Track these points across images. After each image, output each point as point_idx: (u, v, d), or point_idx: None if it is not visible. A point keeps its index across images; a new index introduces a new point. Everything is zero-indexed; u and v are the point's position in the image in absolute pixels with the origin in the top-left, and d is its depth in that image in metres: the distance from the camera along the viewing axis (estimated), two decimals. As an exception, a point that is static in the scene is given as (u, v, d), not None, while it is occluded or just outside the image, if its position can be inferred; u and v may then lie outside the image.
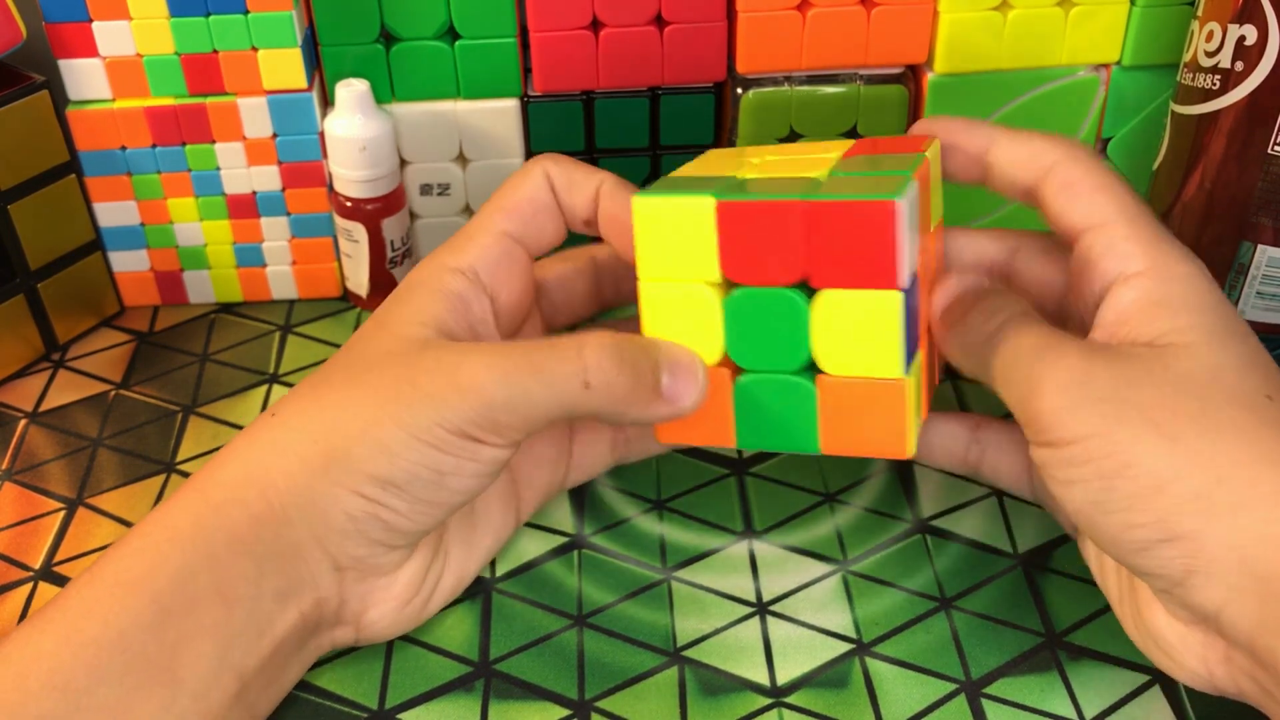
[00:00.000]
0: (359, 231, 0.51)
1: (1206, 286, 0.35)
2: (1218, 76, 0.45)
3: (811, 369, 0.36)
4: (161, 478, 0.46)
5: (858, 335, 0.35)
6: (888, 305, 0.35)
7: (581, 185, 0.40)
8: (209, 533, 0.34)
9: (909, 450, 0.36)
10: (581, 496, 0.44)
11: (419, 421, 0.34)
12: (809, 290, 0.35)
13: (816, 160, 0.38)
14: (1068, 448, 0.32)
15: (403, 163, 0.53)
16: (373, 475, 0.34)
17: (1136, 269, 0.35)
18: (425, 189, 0.53)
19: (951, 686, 0.37)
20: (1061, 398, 0.32)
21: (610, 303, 0.44)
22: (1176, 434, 0.31)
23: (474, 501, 0.40)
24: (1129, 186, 0.37)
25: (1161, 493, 0.31)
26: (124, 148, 0.51)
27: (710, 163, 0.40)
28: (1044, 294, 0.40)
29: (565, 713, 0.37)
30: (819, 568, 0.42)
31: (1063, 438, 0.32)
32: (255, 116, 0.50)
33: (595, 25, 0.50)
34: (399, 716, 0.37)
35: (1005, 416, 0.41)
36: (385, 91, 0.51)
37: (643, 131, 0.53)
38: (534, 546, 0.42)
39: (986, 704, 0.37)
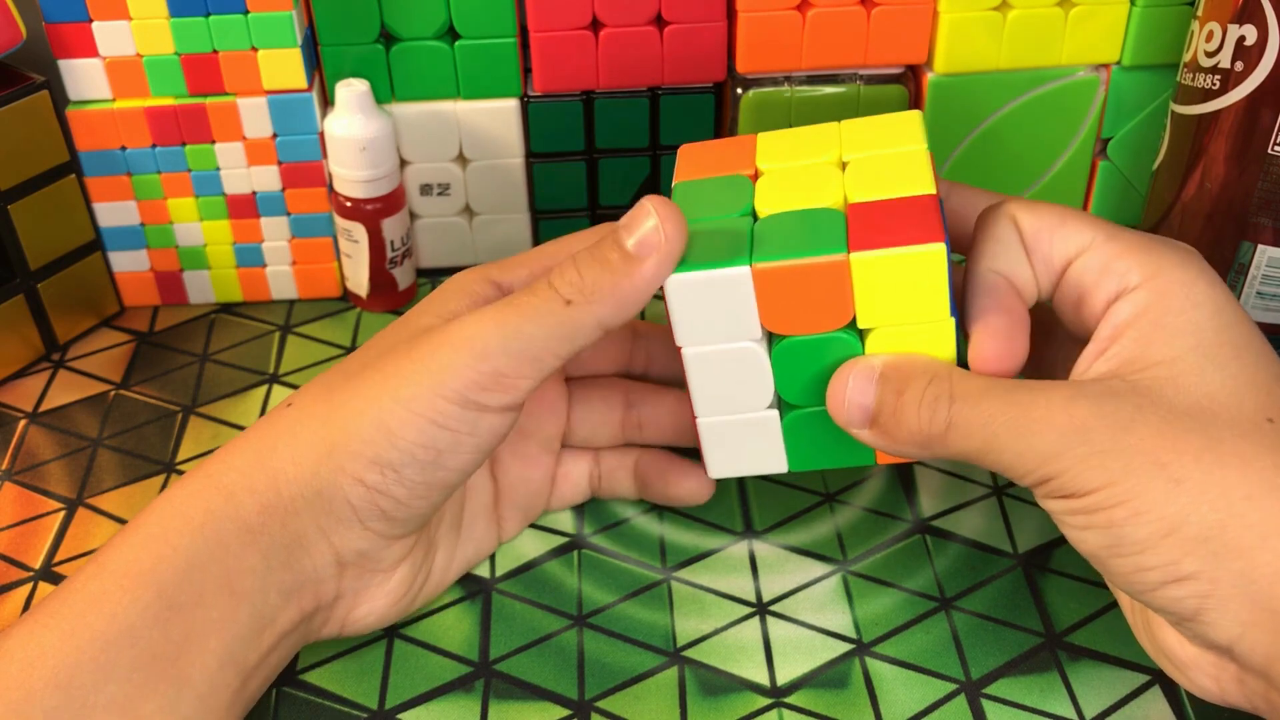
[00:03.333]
0: (359, 231, 0.51)
1: (1205, 293, 0.34)
2: (1218, 76, 0.45)
3: None
4: (161, 478, 0.46)
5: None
6: (941, 332, 0.35)
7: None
8: (219, 521, 0.34)
9: None
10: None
11: (418, 394, 0.34)
12: (859, 328, 0.35)
13: (824, 170, 0.37)
14: (1078, 500, 0.32)
15: (403, 163, 0.53)
16: (373, 459, 0.34)
17: (1135, 282, 0.34)
18: (425, 189, 0.53)
19: (951, 686, 0.37)
20: (1062, 460, 0.32)
21: (639, 371, 0.44)
22: (1182, 474, 0.31)
23: (462, 512, 0.40)
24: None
25: (1172, 536, 0.31)
26: (124, 148, 0.51)
27: (709, 180, 0.39)
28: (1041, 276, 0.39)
29: (565, 713, 0.37)
30: (819, 568, 0.42)
31: (1073, 493, 0.32)
32: (255, 116, 0.50)
33: (595, 25, 0.50)
34: (399, 716, 0.37)
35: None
36: (385, 91, 0.51)
37: (643, 131, 0.52)
38: (534, 546, 0.43)
39: (986, 704, 0.37)
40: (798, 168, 0.38)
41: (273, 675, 0.36)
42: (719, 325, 0.36)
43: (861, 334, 0.35)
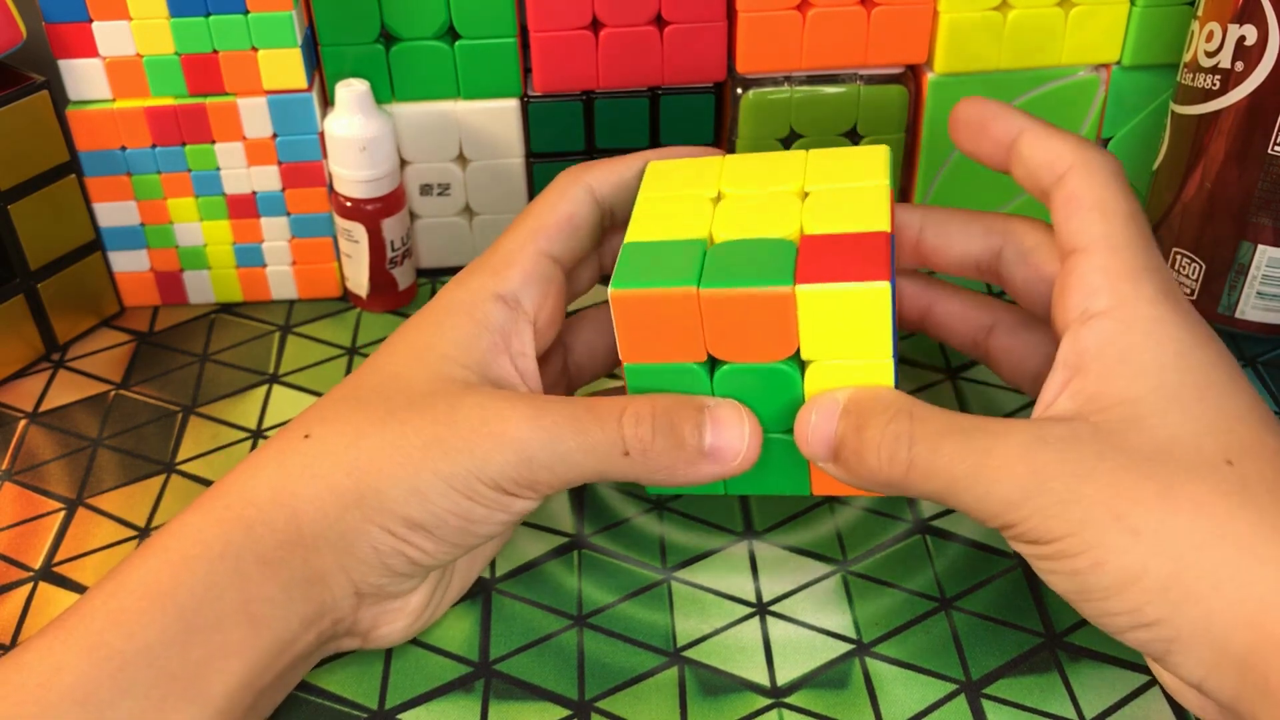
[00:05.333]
0: (359, 231, 0.51)
1: (1172, 333, 0.33)
2: (1218, 76, 0.45)
3: None
4: (161, 478, 0.46)
5: None
6: (881, 372, 0.35)
7: (626, 177, 0.40)
8: (238, 551, 0.34)
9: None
10: (581, 496, 0.44)
11: (457, 472, 0.34)
12: (800, 360, 0.36)
13: (785, 199, 0.37)
14: (1043, 547, 0.32)
15: (403, 163, 0.53)
16: (405, 517, 0.34)
17: (1101, 307, 0.34)
18: (425, 189, 0.53)
19: (951, 687, 0.37)
20: (1023, 509, 0.32)
21: None
22: (1139, 524, 0.31)
23: None
24: (1131, 206, 0.35)
25: (1133, 585, 0.31)
26: (124, 148, 0.51)
27: (673, 198, 0.39)
28: (1033, 297, 0.39)
29: (565, 713, 0.37)
30: (819, 568, 0.42)
31: (1035, 540, 0.32)
32: (255, 116, 0.50)
33: (595, 25, 0.50)
34: (399, 717, 0.37)
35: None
36: (385, 91, 0.51)
37: (643, 131, 0.53)
38: (534, 546, 0.43)
39: (986, 704, 0.37)
40: (760, 195, 0.38)
41: (287, 690, 0.36)
42: (662, 343, 0.36)
43: (803, 367, 0.36)
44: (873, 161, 0.39)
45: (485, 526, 0.35)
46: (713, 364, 0.36)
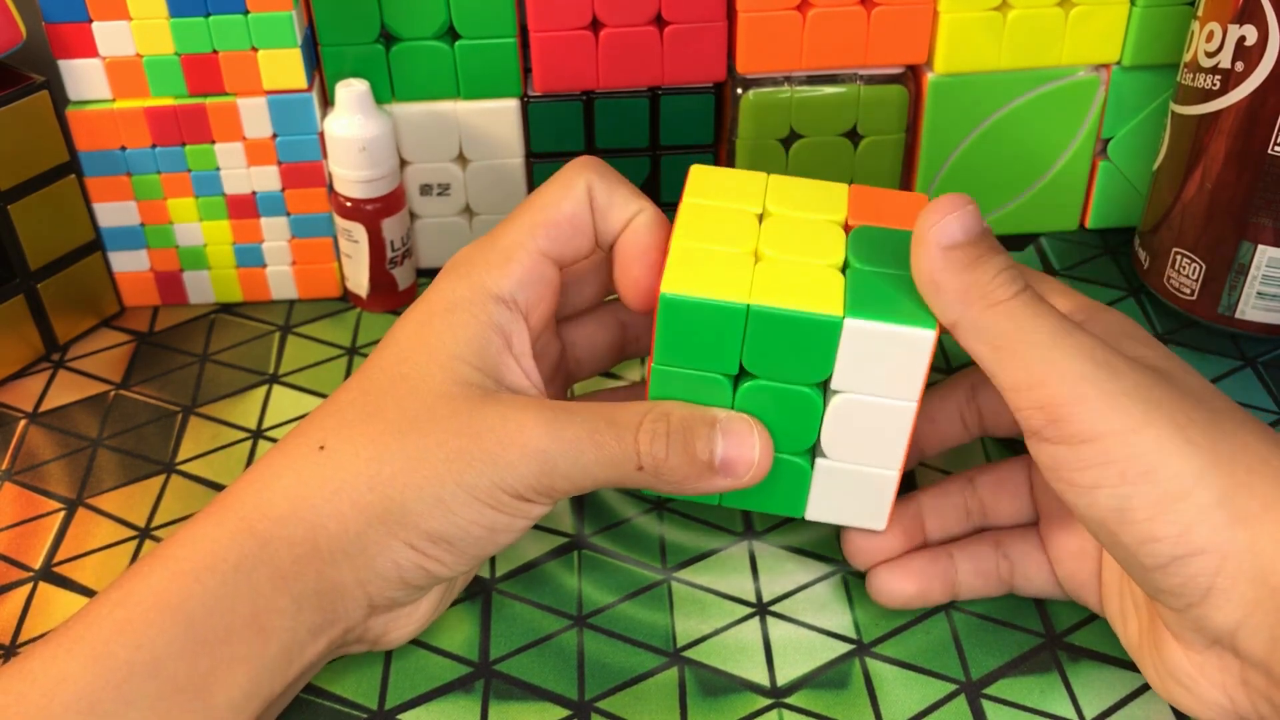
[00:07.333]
0: (359, 232, 0.51)
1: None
2: (1218, 77, 0.45)
3: (811, 451, 0.37)
4: (161, 478, 0.46)
5: (868, 434, 0.36)
6: (903, 414, 0.35)
7: (620, 209, 0.38)
8: (252, 565, 0.33)
9: (885, 526, 0.38)
10: (581, 497, 0.44)
11: (480, 483, 0.34)
12: (824, 387, 0.36)
13: (824, 229, 0.37)
14: (1086, 445, 0.32)
15: (403, 163, 0.52)
16: (428, 531, 0.34)
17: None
18: (425, 189, 0.53)
19: (951, 687, 0.37)
20: (1088, 388, 0.31)
21: (631, 355, 0.44)
22: (1197, 438, 0.31)
23: None
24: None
25: (1185, 499, 0.31)
26: (124, 148, 0.51)
27: (719, 208, 0.38)
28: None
29: (565, 713, 0.37)
30: (819, 568, 0.42)
31: (1081, 433, 0.32)
32: (255, 117, 0.50)
33: (595, 25, 0.50)
34: (399, 717, 0.37)
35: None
36: (385, 91, 0.51)
37: (643, 131, 0.52)
38: (534, 547, 0.43)
39: (986, 704, 0.37)
40: (803, 219, 0.38)
41: (292, 696, 0.36)
42: (699, 351, 0.36)
43: (827, 394, 0.36)
44: (916, 208, 0.38)
45: (505, 535, 0.36)
46: (738, 376, 0.36)
